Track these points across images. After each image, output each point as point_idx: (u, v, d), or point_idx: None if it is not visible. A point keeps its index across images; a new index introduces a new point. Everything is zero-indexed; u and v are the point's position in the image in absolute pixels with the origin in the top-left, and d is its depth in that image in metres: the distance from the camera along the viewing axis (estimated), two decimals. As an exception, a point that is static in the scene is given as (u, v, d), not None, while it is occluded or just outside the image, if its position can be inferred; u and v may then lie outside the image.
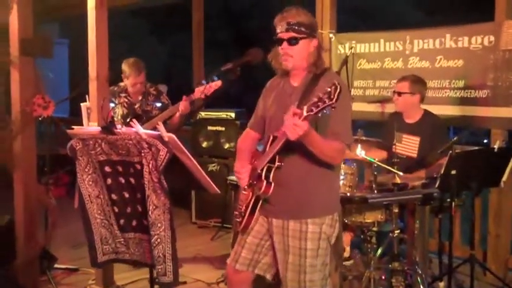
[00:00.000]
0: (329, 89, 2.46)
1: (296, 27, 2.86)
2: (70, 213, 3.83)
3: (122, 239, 3.02)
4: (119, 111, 5.13)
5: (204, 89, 4.28)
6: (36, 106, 4.17)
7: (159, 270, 2.80)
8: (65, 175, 7.71)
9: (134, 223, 2.96)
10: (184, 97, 4.75)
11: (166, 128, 2.66)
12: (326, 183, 2.97)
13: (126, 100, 5.13)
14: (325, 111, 2.49)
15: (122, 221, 2.99)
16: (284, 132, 2.61)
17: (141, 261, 3.04)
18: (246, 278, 3.15)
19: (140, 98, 5.14)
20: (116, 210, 2.98)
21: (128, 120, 4.80)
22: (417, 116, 4.56)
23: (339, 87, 2.45)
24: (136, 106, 5.11)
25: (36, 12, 4.39)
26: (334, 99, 2.44)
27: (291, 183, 2.90)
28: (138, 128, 2.64)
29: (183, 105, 4.74)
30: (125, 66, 5.04)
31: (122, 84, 5.15)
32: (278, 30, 2.91)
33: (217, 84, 4.33)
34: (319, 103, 2.47)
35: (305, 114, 2.50)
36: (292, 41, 2.87)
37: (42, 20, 4.52)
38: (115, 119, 4.95)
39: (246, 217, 2.98)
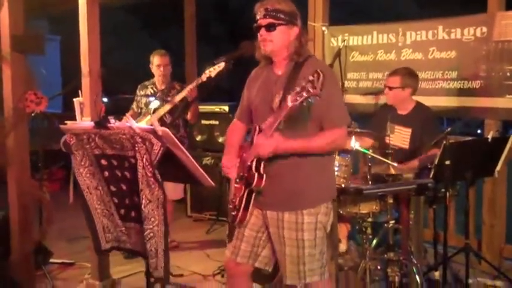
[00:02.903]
0: (312, 78, 2.46)
1: (273, 13, 2.86)
2: (65, 208, 3.84)
3: (123, 228, 3.03)
4: (144, 100, 5.40)
5: (209, 71, 4.42)
6: (28, 102, 4.16)
7: (151, 263, 2.81)
8: (59, 170, 7.71)
9: (133, 214, 2.96)
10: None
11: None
12: (318, 171, 2.97)
13: (152, 91, 5.42)
14: (309, 100, 2.49)
15: (122, 211, 3.00)
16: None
17: (140, 252, 3.04)
18: (246, 270, 3.17)
19: (163, 87, 5.40)
20: (116, 201, 2.99)
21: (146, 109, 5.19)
22: (409, 108, 4.56)
23: (321, 74, 2.45)
24: (158, 95, 5.34)
25: (25, 8, 4.36)
26: (318, 88, 2.45)
27: (283, 174, 2.90)
28: (131, 122, 2.63)
29: (186, 92, 4.85)
30: (151, 57, 5.44)
31: (153, 79, 5.50)
32: (257, 17, 2.91)
33: (220, 66, 4.38)
34: (303, 92, 2.48)
35: (289, 105, 2.52)
36: (270, 28, 2.87)
37: (30, 16, 4.51)
38: (142, 109, 5.37)
39: (241, 211, 2.98)
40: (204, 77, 4.52)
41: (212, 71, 4.42)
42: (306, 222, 2.89)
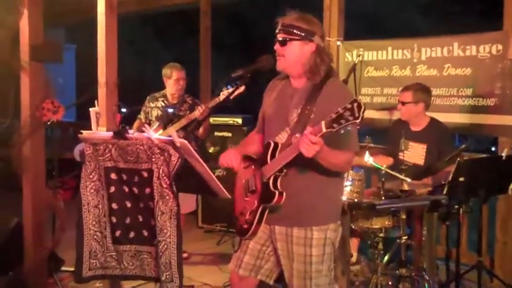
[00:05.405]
0: (350, 106, 2.43)
1: (287, 29, 2.88)
2: (76, 217, 3.85)
3: (114, 253, 3.00)
4: (154, 113, 5.44)
5: (229, 93, 4.45)
6: (45, 111, 4.20)
7: (167, 276, 2.79)
8: (71, 179, 7.73)
9: (132, 234, 2.94)
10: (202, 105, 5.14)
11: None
12: (330, 190, 2.96)
13: (163, 104, 5.45)
14: (348, 128, 2.49)
15: (117, 233, 2.97)
16: (297, 147, 2.62)
17: (135, 275, 3.01)
18: (251, 283, 3.14)
19: (175, 102, 5.43)
20: (114, 220, 2.96)
21: (159, 123, 5.24)
22: (423, 124, 4.57)
23: (362, 105, 2.42)
24: (170, 110, 5.38)
25: (43, 17, 4.42)
26: (359, 118, 2.42)
27: (294, 190, 2.88)
28: (150, 133, 2.66)
29: (198, 112, 5.01)
30: (165, 70, 5.44)
31: (163, 91, 5.53)
32: (276, 31, 2.94)
33: (240, 89, 4.42)
34: (342, 120, 2.44)
35: (324, 130, 2.50)
36: (282, 42, 2.89)
37: (48, 24, 4.55)
38: (152, 121, 5.41)
39: (254, 225, 2.96)
40: (222, 98, 4.56)
41: (231, 93, 4.45)
42: (315, 238, 2.89)
